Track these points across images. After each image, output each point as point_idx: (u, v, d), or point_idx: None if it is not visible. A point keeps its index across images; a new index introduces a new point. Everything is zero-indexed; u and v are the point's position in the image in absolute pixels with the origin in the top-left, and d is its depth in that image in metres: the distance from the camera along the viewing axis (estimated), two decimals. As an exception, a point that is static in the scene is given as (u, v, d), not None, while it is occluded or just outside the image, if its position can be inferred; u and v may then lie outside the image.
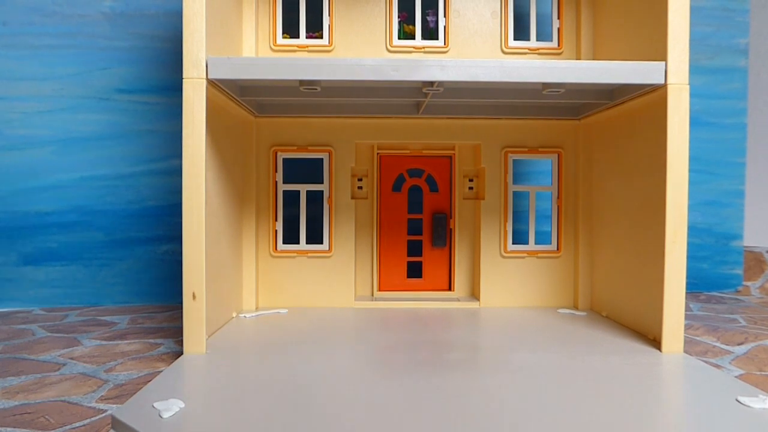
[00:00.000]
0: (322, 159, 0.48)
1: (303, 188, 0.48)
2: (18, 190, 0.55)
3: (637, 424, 0.22)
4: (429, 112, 0.46)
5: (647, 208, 0.38)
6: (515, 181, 0.50)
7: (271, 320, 0.43)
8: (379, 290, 0.50)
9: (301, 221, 0.48)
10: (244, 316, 0.44)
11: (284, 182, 0.48)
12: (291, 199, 0.48)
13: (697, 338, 0.44)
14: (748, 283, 0.63)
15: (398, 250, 0.50)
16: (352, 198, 0.49)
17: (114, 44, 0.55)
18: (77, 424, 0.27)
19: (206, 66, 0.33)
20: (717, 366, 0.36)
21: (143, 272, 0.56)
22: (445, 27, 0.47)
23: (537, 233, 0.50)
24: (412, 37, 0.47)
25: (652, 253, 0.36)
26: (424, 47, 0.47)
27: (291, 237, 0.48)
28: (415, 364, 0.31)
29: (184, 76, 0.33)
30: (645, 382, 0.28)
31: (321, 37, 0.47)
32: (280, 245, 0.48)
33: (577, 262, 0.48)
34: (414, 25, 0.47)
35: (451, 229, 0.50)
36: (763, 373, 0.35)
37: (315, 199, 0.49)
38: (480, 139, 0.49)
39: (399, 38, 0.47)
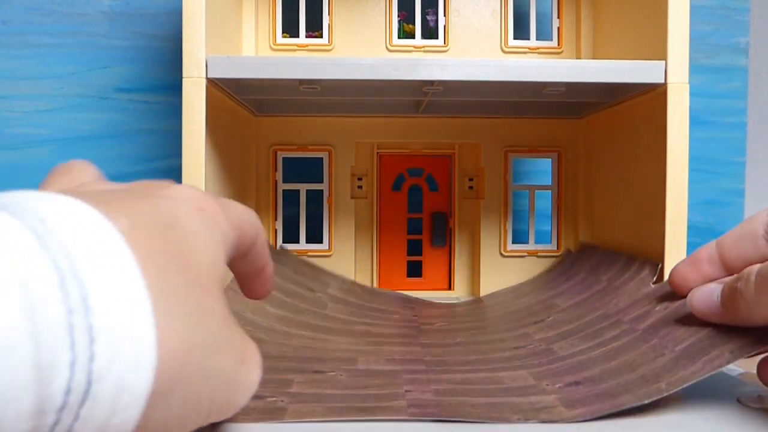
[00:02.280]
0: (322, 158, 0.48)
1: (303, 187, 0.48)
2: (18, 189, 0.55)
3: (636, 423, 0.22)
4: (429, 111, 0.46)
5: (647, 207, 0.38)
6: (515, 180, 0.50)
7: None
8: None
9: (301, 220, 0.48)
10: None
11: (284, 181, 0.48)
12: (291, 198, 0.48)
13: (697, 337, 0.43)
14: (748, 283, 0.63)
15: (398, 249, 0.50)
16: (352, 197, 0.49)
17: (114, 43, 0.55)
18: (77, 424, 0.27)
19: (206, 65, 0.33)
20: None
21: (143, 271, 0.56)
22: (444, 26, 0.47)
23: (537, 232, 0.49)
24: (412, 36, 0.47)
25: (652, 252, 0.36)
26: (423, 46, 0.47)
27: (291, 236, 0.48)
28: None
29: (183, 75, 0.33)
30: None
31: (321, 37, 0.47)
32: (281, 244, 0.48)
33: (577, 262, 0.48)
34: (414, 24, 0.47)
35: (450, 229, 0.50)
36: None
37: (315, 198, 0.49)
38: (480, 138, 0.49)
39: (399, 37, 0.47)
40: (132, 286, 0.12)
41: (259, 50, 0.47)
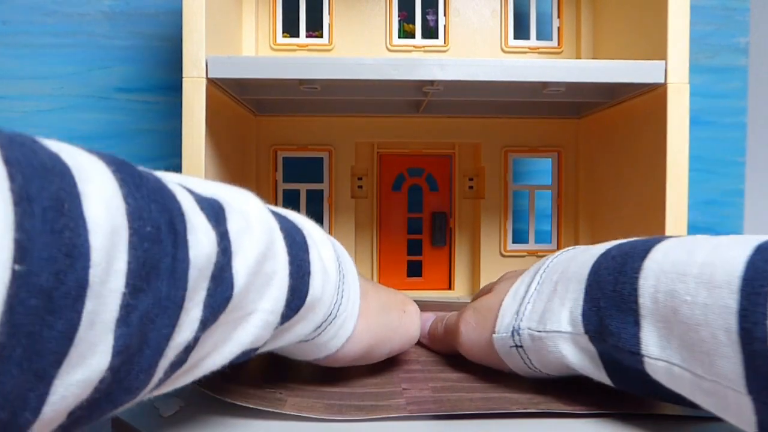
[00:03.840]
0: (322, 158, 0.48)
1: (303, 187, 0.48)
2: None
3: (636, 423, 0.22)
4: (429, 111, 0.46)
5: (647, 207, 0.38)
6: (515, 180, 0.50)
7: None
8: (379, 289, 0.50)
9: (301, 220, 0.48)
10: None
11: (284, 181, 0.48)
12: (291, 198, 0.48)
13: (697, 337, 0.43)
14: (748, 282, 0.62)
15: (398, 249, 0.50)
16: (352, 197, 0.49)
17: (114, 43, 0.55)
18: (77, 423, 0.27)
19: (206, 65, 0.33)
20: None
21: (143, 271, 0.56)
22: (445, 26, 0.47)
23: (537, 232, 0.49)
24: (412, 36, 0.47)
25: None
26: (424, 46, 0.47)
27: (291, 236, 0.48)
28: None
29: (183, 75, 0.33)
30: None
31: (321, 36, 0.47)
32: (280, 244, 0.48)
33: (577, 261, 0.48)
34: (414, 24, 0.47)
35: (451, 228, 0.50)
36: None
37: (315, 198, 0.49)
38: (480, 138, 0.49)
39: (399, 37, 0.47)
40: (355, 280, 0.26)
41: (259, 50, 0.47)
